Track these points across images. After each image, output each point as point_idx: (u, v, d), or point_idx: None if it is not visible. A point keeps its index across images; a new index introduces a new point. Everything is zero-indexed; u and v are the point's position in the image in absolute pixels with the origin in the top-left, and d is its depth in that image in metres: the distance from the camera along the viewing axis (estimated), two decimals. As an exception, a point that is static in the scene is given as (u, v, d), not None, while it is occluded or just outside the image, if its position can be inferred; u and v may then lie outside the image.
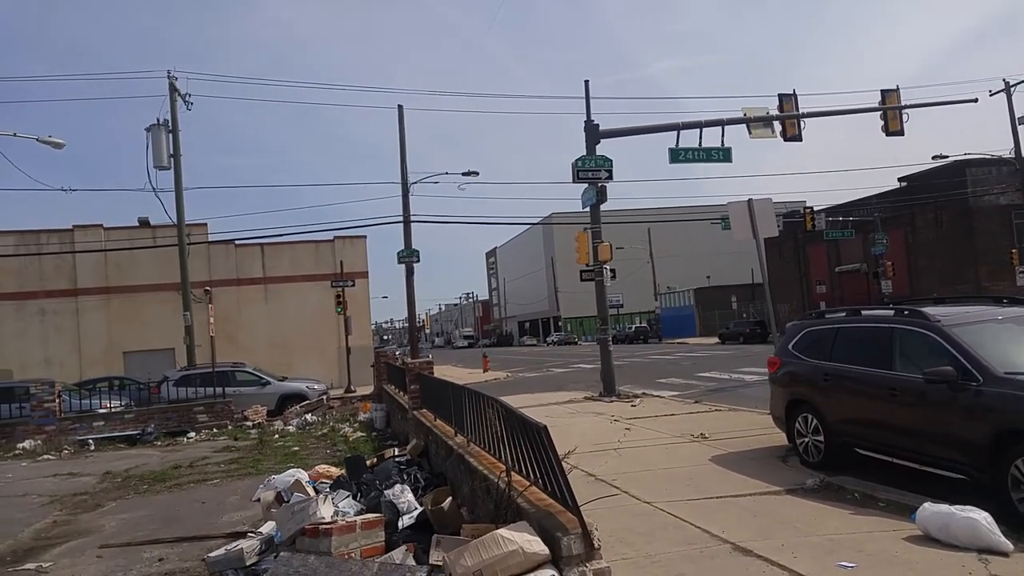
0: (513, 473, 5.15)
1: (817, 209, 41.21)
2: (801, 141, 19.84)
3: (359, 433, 15.86)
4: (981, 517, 5.24)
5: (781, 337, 10.10)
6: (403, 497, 6.87)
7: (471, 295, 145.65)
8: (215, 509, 9.13)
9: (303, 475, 8.95)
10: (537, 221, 71.21)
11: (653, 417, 13.17)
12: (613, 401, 16.48)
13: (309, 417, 19.04)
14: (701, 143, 18.72)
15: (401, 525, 6.26)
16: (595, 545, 4.03)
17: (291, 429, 17.81)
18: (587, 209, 18.73)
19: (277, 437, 16.47)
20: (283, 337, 31.22)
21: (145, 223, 30.16)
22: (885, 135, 20.72)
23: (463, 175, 29.14)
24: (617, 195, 56.23)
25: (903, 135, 20.57)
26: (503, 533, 4.13)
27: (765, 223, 15.46)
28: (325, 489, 8.05)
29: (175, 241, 25.20)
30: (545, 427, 4.33)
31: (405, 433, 12.73)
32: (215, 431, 18.24)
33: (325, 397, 21.92)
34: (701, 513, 6.53)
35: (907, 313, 7.52)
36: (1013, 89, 32.83)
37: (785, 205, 47.16)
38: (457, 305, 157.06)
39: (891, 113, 20.53)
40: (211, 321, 24.10)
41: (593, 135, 18.40)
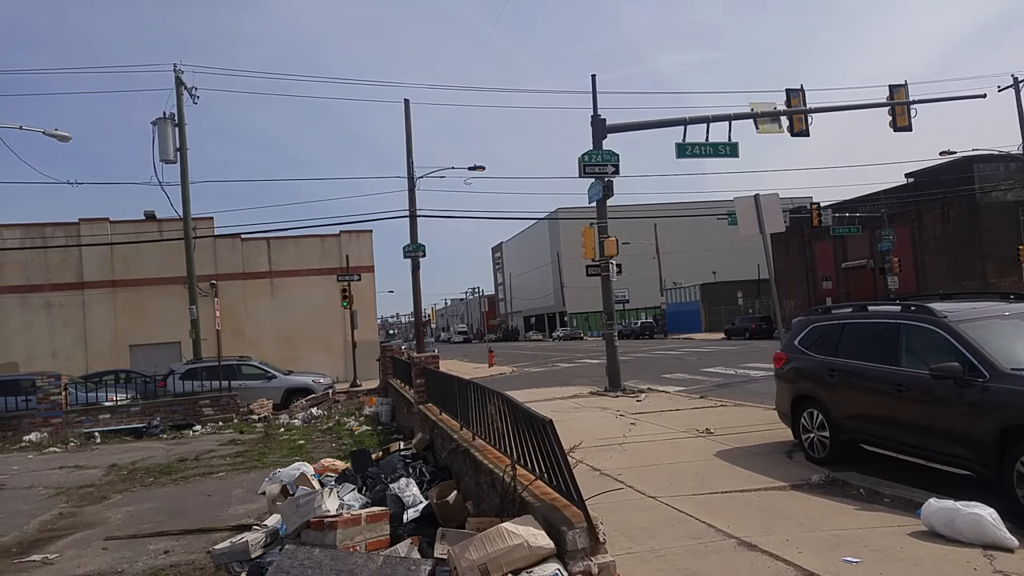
0: (518, 467, 5.15)
1: (824, 205, 41.13)
2: (808, 136, 19.79)
3: (365, 427, 15.89)
4: (986, 513, 5.23)
5: (787, 333, 10.08)
6: (408, 491, 6.88)
7: (477, 290, 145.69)
8: (220, 502, 9.16)
9: (308, 468, 8.98)
10: (543, 216, 71.18)
11: (658, 412, 13.16)
12: (618, 396, 16.47)
13: (315, 411, 19.07)
14: (708, 138, 18.65)
15: (406, 518, 6.27)
16: (600, 539, 4.02)
17: (297, 423, 17.85)
18: (593, 204, 18.69)
19: (283, 431, 16.51)
20: (289, 331, 31.29)
21: (151, 216, 30.18)
22: (893, 131, 20.64)
23: (469, 169, 29.11)
24: (624, 190, 56.18)
25: (911, 131, 20.49)
26: (508, 527, 4.13)
27: (772, 218, 15.39)
28: (330, 482, 8.07)
29: (181, 235, 25.19)
30: (550, 421, 4.33)
31: (411, 427, 12.75)
32: (221, 424, 18.29)
33: (331, 391, 21.93)
34: (706, 508, 6.53)
35: (914, 309, 7.50)
36: (1021, 85, 32.62)
37: (792, 201, 47.14)
38: (463, 300, 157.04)
39: (899, 108, 20.43)
40: (217, 315, 24.13)
41: (600, 129, 18.34)
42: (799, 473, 7.70)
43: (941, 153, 34.41)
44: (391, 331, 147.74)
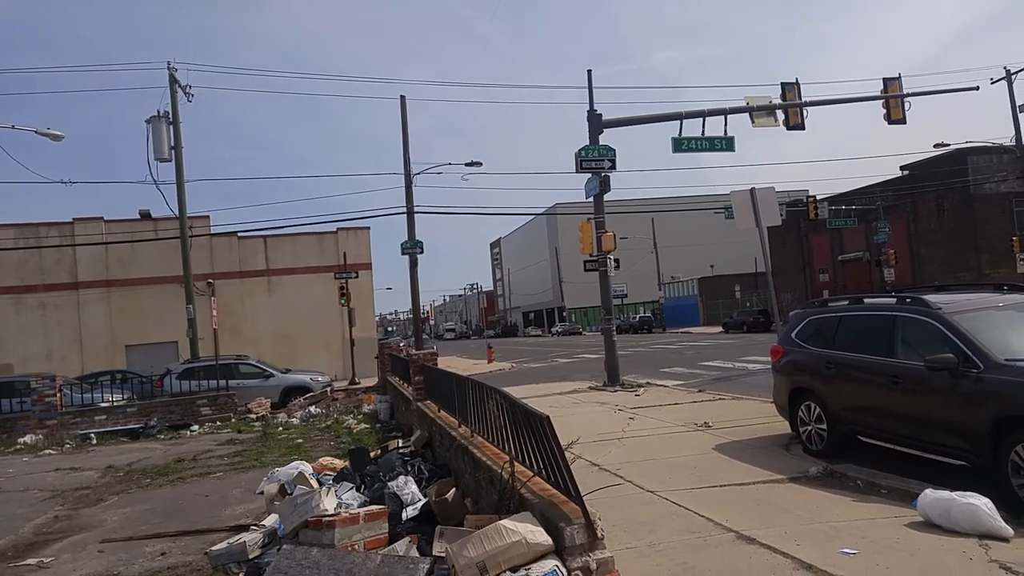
0: (517, 464, 5.15)
1: (820, 198, 41.19)
2: (804, 130, 19.82)
3: (363, 425, 15.88)
4: (982, 503, 5.25)
5: (784, 326, 10.09)
6: (407, 489, 6.88)
7: (475, 286, 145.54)
8: (218, 502, 9.13)
9: (307, 467, 8.97)
10: (541, 211, 71.15)
11: (657, 406, 13.18)
12: (617, 391, 16.49)
13: (313, 409, 19.05)
14: (704, 132, 18.68)
15: (405, 517, 6.27)
16: (598, 535, 4.03)
17: (295, 421, 17.82)
18: (591, 199, 18.70)
19: (281, 429, 16.49)
20: (287, 329, 31.22)
21: (147, 215, 30.03)
22: (887, 123, 20.72)
23: (466, 165, 29.07)
24: (621, 185, 56.29)
25: (905, 123, 20.58)
26: (506, 524, 4.14)
27: (768, 212, 15.42)
28: (329, 481, 8.07)
29: (177, 233, 25.09)
30: (548, 417, 4.33)
31: (409, 425, 12.75)
32: (218, 424, 18.26)
33: (329, 389, 21.90)
34: (705, 502, 6.54)
35: (909, 301, 7.52)
36: (1014, 77, 32.73)
37: (788, 194, 47.08)
38: (462, 296, 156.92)
39: (893, 101, 20.50)
40: (214, 314, 24.11)
41: (596, 125, 18.34)
42: (797, 466, 7.72)
43: (935, 145, 34.54)
44: (390, 328, 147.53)
